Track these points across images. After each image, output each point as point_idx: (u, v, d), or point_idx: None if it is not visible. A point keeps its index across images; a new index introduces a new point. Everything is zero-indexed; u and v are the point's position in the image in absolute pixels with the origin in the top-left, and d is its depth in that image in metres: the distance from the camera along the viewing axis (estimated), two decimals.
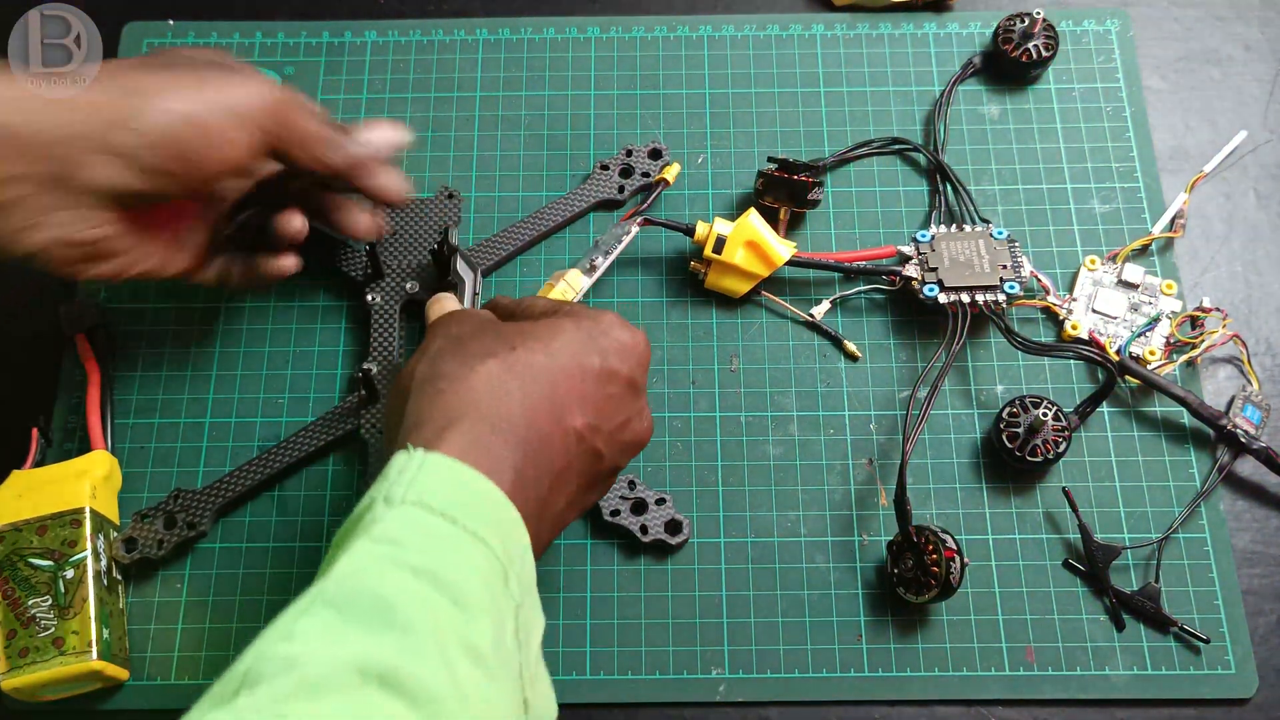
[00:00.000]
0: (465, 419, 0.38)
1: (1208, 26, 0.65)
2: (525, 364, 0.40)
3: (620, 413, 0.42)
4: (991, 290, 0.54)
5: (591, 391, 0.41)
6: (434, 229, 0.57)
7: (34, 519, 0.49)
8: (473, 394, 0.39)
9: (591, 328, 0.42)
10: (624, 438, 0.43)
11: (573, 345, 0.41)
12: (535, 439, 0.39)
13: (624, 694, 0.50)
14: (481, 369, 0.39)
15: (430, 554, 0.34)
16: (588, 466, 0.42)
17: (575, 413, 0.40)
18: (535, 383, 0.40)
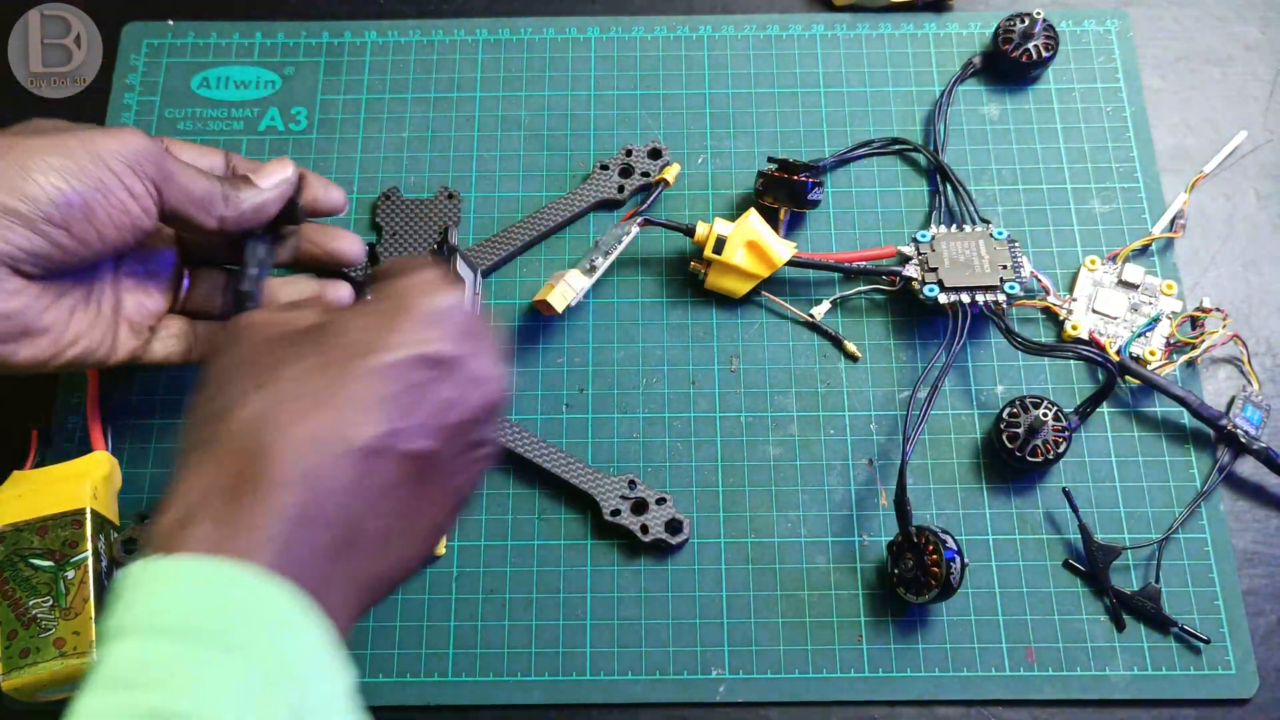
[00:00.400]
0: (212, 497, 0.33)
1: (1208, 26, 0.65)
2: (281, 396, 0.35)
3: (433, 399, 0.36)
4: (991, 290, 0.54)
5: (382, 396, 0.35)
6: (434, 229, 0.57)
7: (34, 519, 0.49)
8: (216, 457, 0.34)
9: (386, 312, 0.37)
10: (455, 418, 0.37)
11: (353, 350, 0.36)
12: (307, 487, 0.33)
13: (624, 694, 0.50)
14: (226, 430, 0.34)
15: (168, 690, 0.29)
16: (402, 479, 0.36)
17: (360, 429, 0.34)
18: (296, 416, 0.34)
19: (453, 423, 0.37)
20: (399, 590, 0.51)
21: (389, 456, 0.35)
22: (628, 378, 0.56)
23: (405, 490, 0.36)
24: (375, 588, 0.37)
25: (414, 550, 0.39)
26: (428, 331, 0.37)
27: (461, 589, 0.52)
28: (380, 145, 0.62)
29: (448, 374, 0.37)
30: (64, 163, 0.42)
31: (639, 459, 0.54)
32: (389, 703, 0.50)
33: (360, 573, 0.35)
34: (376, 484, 0.35)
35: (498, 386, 0.39)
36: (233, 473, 0.33)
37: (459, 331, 0.37)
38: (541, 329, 0.57)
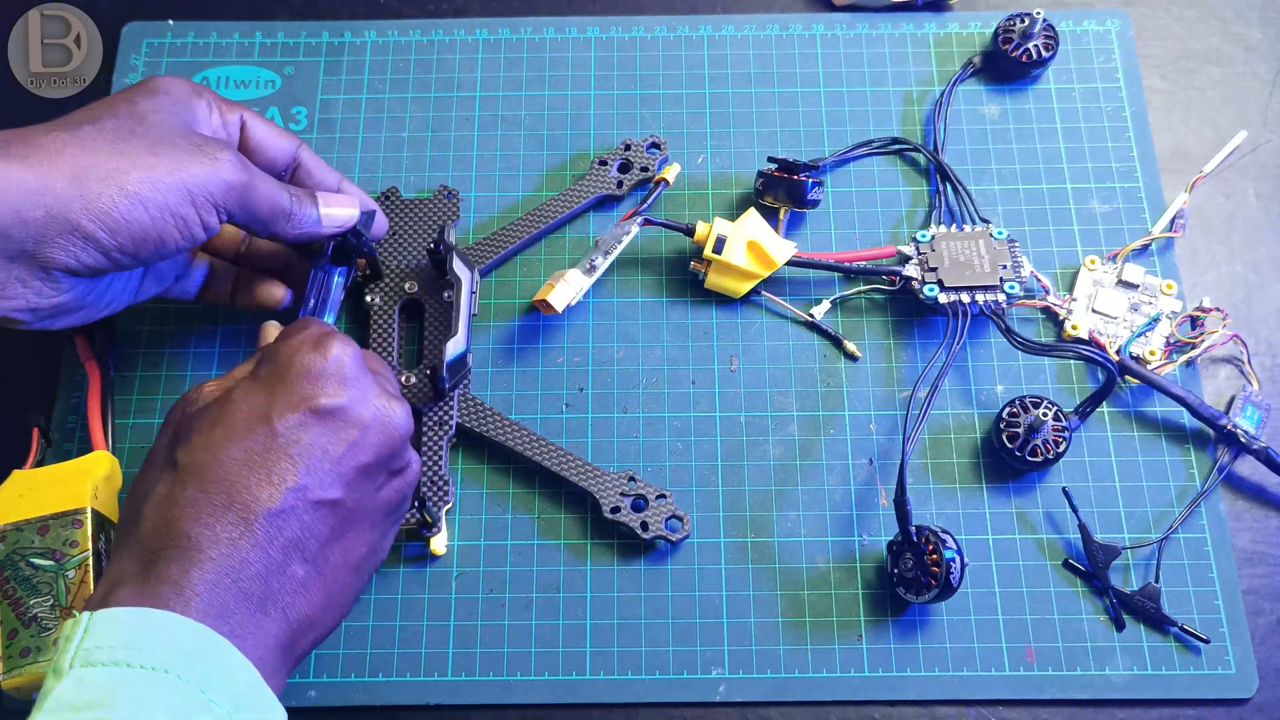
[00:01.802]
0: (133, 564, 0.37)
1: (1208, 26, 0.65)
2: (187, 473, 0.39)
3: (331, 449, 0.40)
4: (991, 290, 0.54)
5: (280, 457, 0.39)
6: (433, 229, 0.57)
7: (35, 519, 0.49)
8: (138, 534, 0.38)
9: (271, 379, 0.41)
10: (359, 461, 0.41)
11: (245, 421, 0.40)
12: (217, 549, 0.37)
13: (624, 694, 0.50)
14: (147, 507, 0.39)
15: (105, 707, 0.33)
16: (317, 528, 0.40)
17: (263, 492, 0.38)
18: (199, 490, 0.38)
19: (355, 466, 0.41)
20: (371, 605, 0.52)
21: (300, 511, 0.39)
22: (628, 378, 0.56)
23: (323, 537, 0.40)
24: (307, 630, 0.40)
25: (343, 589, 0.42)
26: (310, 388, 0.40)
27: (461, 589, 0.52)
28: (380, 145, 0.62)
29: (338, 423, 0.40)
30: (152, 195, 0.42)
31: (639, 459, 0.54)
32: (389, 703, 0.50)
33: (289, 616, 0.39)
34: (290, 538, 0.39)
35: (392, 422, 0.42)
36: (150, 547, 0.37)
37: (340, 382, 0.41)
38: (541, 329, 0.57)
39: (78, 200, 0.41)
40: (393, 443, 0.42)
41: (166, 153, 0.43)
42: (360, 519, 0.42)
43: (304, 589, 0.40)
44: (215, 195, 0.44)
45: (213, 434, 0.39)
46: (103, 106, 0.44)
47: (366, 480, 0.42)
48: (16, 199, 0.40)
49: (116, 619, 0.36)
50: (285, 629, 0.39)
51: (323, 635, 0.42)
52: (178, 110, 0.45)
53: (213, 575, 0.37)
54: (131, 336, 0.57)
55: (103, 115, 0.43)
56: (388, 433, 0.42)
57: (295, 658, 0.40)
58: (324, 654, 0.51)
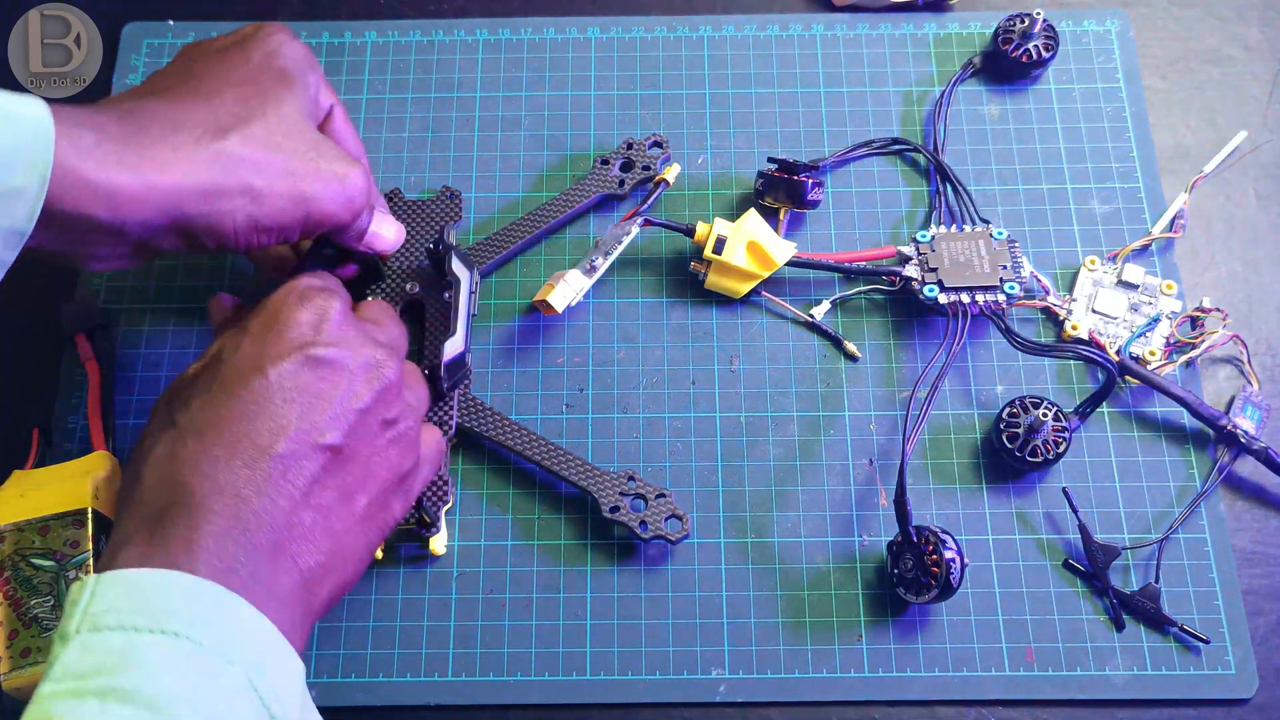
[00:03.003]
0: (136, 526, 0.37)
1: (1208, 26, 0.65)
2: (184, 431, 0.39)
3: (326, 395, 0.40)
4: (991, 290, 0.54)
5: (274, 405, 0.39)
6: (434, 229, 0.57)
7: (36, 519, 0.49)
8: (140, 497, 0.38)
9: (258, 331, 0.41)
10: (355, 406, 0.41)
11: (236, 372, 0.40)
12: (219, 500, 0.37)
13: (624, 694, 0.50)
14: (145, 469, 0.38)
15: (115, 673, 0.32)
16: (321, 475, 0.40)
17: (263, 439, 0.38)
18: (198, 445, 0.38)
19: (352, 410, 0.41)
20: (369, 589, 0.52)
21: (301, 455, 0.39)
22: (628, 378, 0.56)
23: (328, 482, 0.40)
24: (320, 580, 0.40)
25: (352, 541, 0.41)
26: (300, 337, 0.41)
27: (461, 589, 0.52)
28: (380, 145, 0.62)
29: (333, 370, 0.41)
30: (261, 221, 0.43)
31: (639, 459, 0.54)
32: (389, 703, 0.50)
33: (298, 565, 0.38)
34: (296, 482, 0.39)
35: (384, 371, 0.42)
36: (153, 506, 0.37)
37: (333, 330, 0.41)
38: (541, 329, 0.57)
39: (205, 215, 0.42)
40: (384, 389, 0.42)
41: (310, 165, 0.44)
42: (360, 466, 0.41)
43: (311, 535, 0.39)
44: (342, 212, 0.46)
45: (209, 391, 0.39)
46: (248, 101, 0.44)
47: (363, 427, 0.41)
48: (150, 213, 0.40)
49: (124, 580, 0.35)
50: (298, 579, 0.38)
51: (337, 589, 0.41)
52: (307, 104, 0.46)
53: (219, 527, 0.36)
54: (131, 337, 0.57)
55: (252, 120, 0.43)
56: (380, 380, 0.42)
57: (313, 611, 0.40)
58: (324, 654, 0.51)
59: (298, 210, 0.44)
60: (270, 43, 0.46)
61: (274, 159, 0.43)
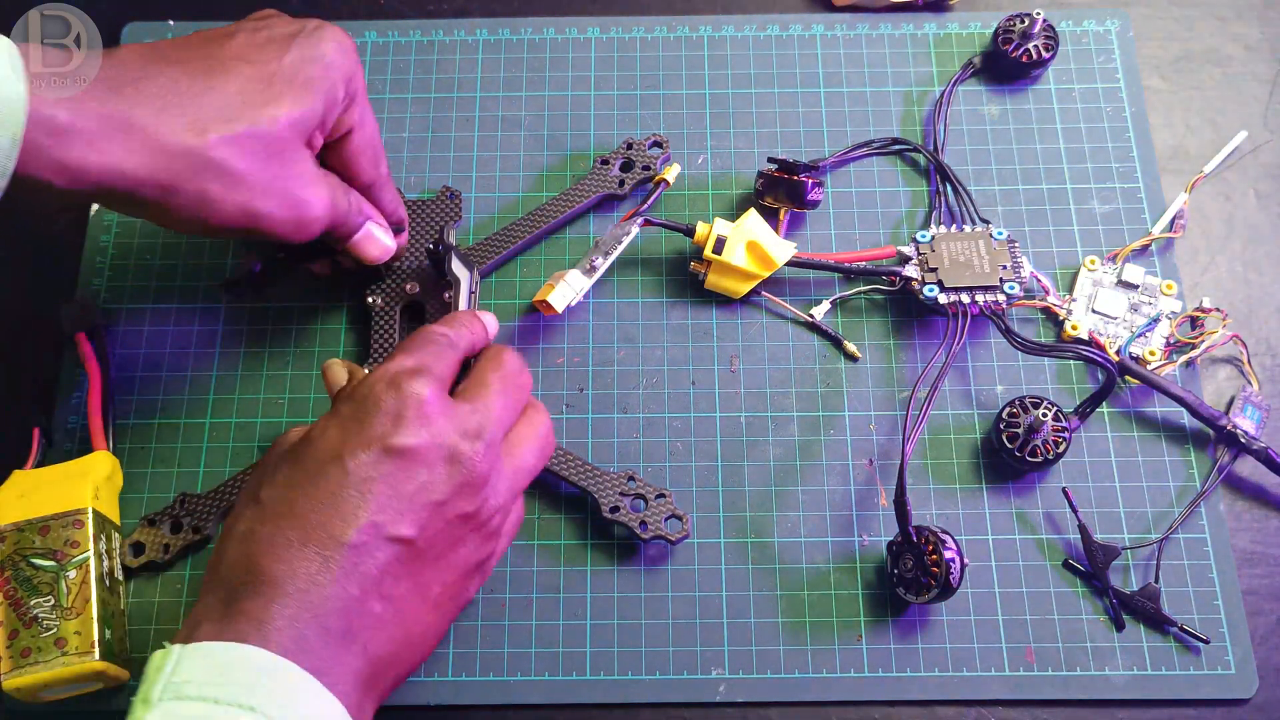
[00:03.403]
0: (215, 602, 0.38)
1: (1208, 26, 0.65)
2: (264, 511, 0.39)
3: (404, 487, 0.40)
4: (991, 290, 0.54)
5: (352, 494, 0.39)
6: (434, 229, 0.57)
7: (36, 519, 0.49)
8: (220, 573, 0.39)
9: (348, 417, 0.41)
10: (431, 499, 0.40)
11: (320, 459, 0.40)
12: (293, 584, 0.38)
13: (624, 694, 0.50)
14: (229, 544, 0.39)
15: None
16: (391, 566, 0.40)
17: (336, 528, 0.39)
18: (276, 528, 0.39)
19: (429, 503, 0.40)
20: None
21: (373, 546, 0.39)
22: (628, 378, 0.56)
23: (400, 572, 0.40)
24: (388, 667, 0.40)
25: (423, 626, 0.42)
26: (383, 427, 0.40)
27: None
28: None
29: (410, 462, 0.40)
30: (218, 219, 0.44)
31: (639, 459, 0.54)
32: (389, 702, 0.50)
33: (368, 653, 0.39)
34: (366, 574, 0.39)
35: (466, 464, 0.41)
36: (231, 584, 0.38)
37: (415, 421, 0.41)
38: (541, 329, 0.57)
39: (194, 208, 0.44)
40: (465, 483, 0.41)
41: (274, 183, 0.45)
42: (435, 557, 0.41)
43: (382, 625, 0.40)
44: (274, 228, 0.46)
45: (291, 472, 0.40)
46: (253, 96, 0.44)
47: (440, 519, 0.41)
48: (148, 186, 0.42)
49: (204, 653, 0.36)
50: (365, 665, 0.39)
51: (403, 676, 0.42)
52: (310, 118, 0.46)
53: (291, 610, 0.37)
54: (132, 336, 0.57)
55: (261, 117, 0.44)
56: (460, 473, 0.41)
57: (376, 697, 0.40)
58: None
59: (245, 221, 0.45)
60: (318, 48, 0.46)
61: (239, 168, 0.43)
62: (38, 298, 0.58)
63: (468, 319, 0.48)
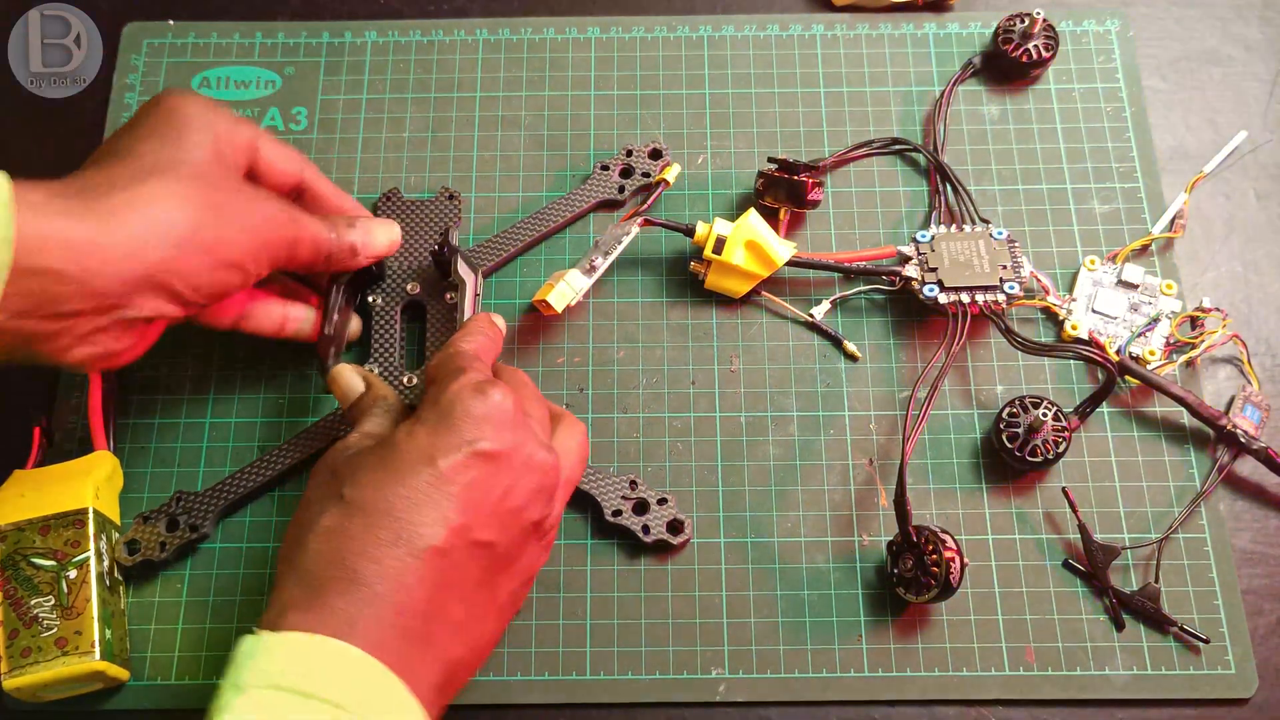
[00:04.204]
0: (303, 592, 0.38)
1: (1208, 26, 0.65)
2: (353, 509, 0.40)
3: (490, 492, 0.41)
4: (991, 290, 0.54)
5: (442, 497, 0.40)
6: (435, 230, 0.57)
7: (37, 519, 0.49)
8: (306, 565, 0.39)
9: (435, 422, 0.41)
10: (511, 504, 0.42)
11: (410, 461, 0.40)
12: (385, 584, 0.38)
13: (624, 694, 0.50)
14: (312, 538, 0.39)
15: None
16: (470, 569, 0.40)
17: (428, 529, 0.39)
18: (366, 526, 0.39)
19: (510, 509, 0.41)
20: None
21: (459, 550, 0.40)
22: (628, 378, 0.56)
23: (476, 578, 0.41)
24: (457, 672, 0.41)
25: (488, 631, 0.43)
26: (474, 432, 0.41)
27: None
28: (380, 145, 0.62)
29: (499, 467, 0.41)
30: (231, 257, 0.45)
31: (639, 459, 0.54)
32: None
33: (444, 656, 0.40)
34: (450, 576, 0.39)
35: (547, 469, 0.43)
36: (317, 577, 0.38)
37: (504, 426, 0.42)
38: (541, 329, 0.57)
39: (176, 266, 0.43)
40: (545, 489, 0.43)
41: (240, 213, 0.45)
42: (506, 563, 0.42)
43: (458, 630, 0.40)
44: (271, 251, 0.46)
45: (380, 473, 0.40)
46: (168, 147, 0.44)
47: (516, 525, 0.42)
48: (117, 263, 0.41)
49: (294, 644, 0.36)
50: (441, 670, 0.40)
51: (463, 682, 0.42)
52: (220, 146, 0.46)
53: (380, 610, 0.38)
54: None
55: (180, 163, 0.44)
56: (537, 480, 0.43)
57: (444, 703, 0.41)
58: None
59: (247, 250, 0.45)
60: (169, 101, 0.47)
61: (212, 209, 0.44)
62: None
63: (488, 325, 0.50)
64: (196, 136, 0.45)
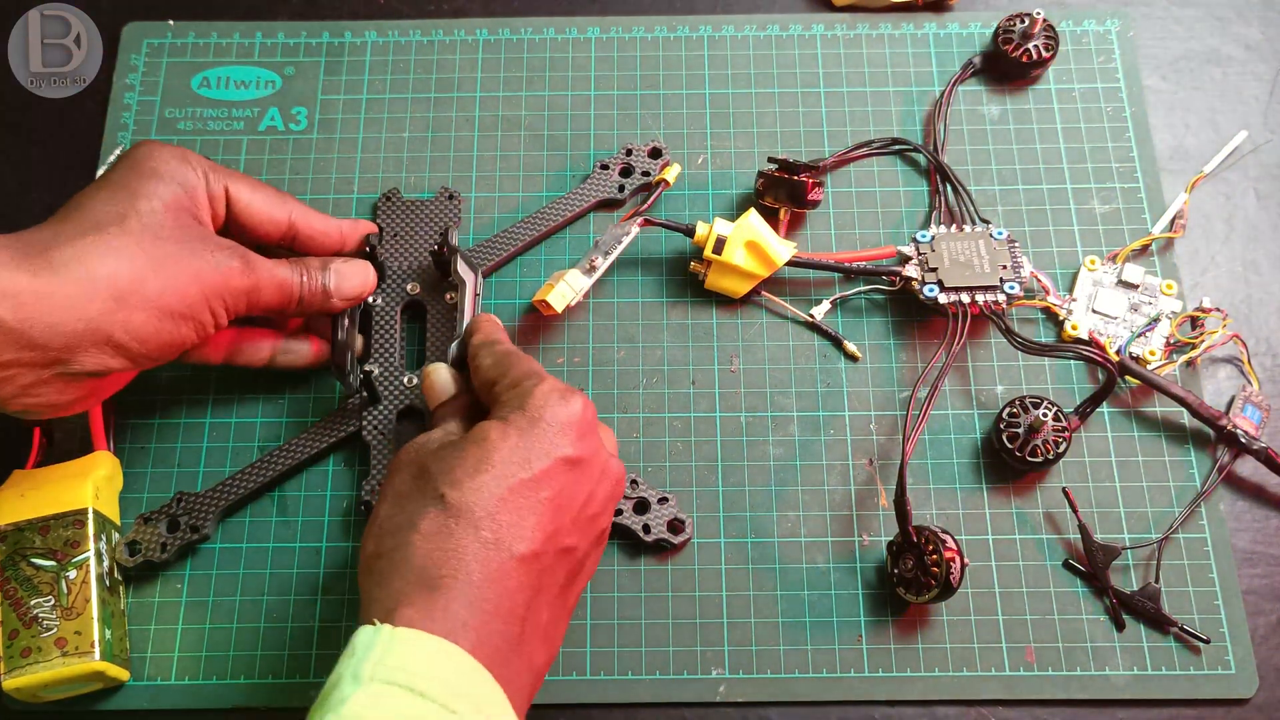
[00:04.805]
0: (414, 589, 0.38)
1: (1208, 26, 0.65)
2: (457, 510, 0.40)
3: (575, 498, 0.42)
4: (991, 290, 0.54)
5: (537, 502, 0.41)
6: (434, 230, 0.57)
7: (37, 519, 0.49)
8: (414, 562, 0.39)
9: (526, 427, 0.42)
10: (591, 511, 0.43)
11: (507, 465, 0.41)
12: (490, 587, 0.39)
13: (624, 694, 0.50)
14: (416, 537, 0.39)
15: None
16: (557, 574, 0.42)
17: (527, 534, 0.40)
18: (471, 528, 0.39)
19: (589, 515, 0.43)
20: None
21: (549, 555, 0.41)
22: (628, 378, 0.56)
23: (561, 582, 0.42)
24: (539, 678, 0.41)
25: (560, 636, 0.43)
26: (561, 438, 0.42)
27: None
28: (380, 145, 0.62)
29: (583, 473, 0.42)
30: (180, 309, 0.45)
31: (639, 459, 0.54)
32: None
33: (532, 664, 0.40)
34: (542, 581, 0.40)
35: (619, 476, 0.45)
36: (431, 574, 0.38)
37: (585, 433, 0.43)
38: (541, 329, 0.57)
39: (118, 319, 0.43)
40: (615, 495, 0.45)
41: (188, 264, 0.45)
42: (580, 568, 0.43)
43: (544, 636, 0.41)
44: (227, 300, 0.46)
45: (478, 476, 0.40)
46: (120, 201, 0.45)
47: (592, 531, 0.43)
48: (56, 314, 0.41)
49: (412, 641, 0.37)
50: (531, 677, 0.40)
51: (537, 689, 0.42)
52: (181, 198, 0.46)
53: (487, 615, 0.38)
54: None
55: (127, 216, 0.44)
56: (614, 486, 0.44)
57: (525, 710, 0.41)
58: (324, 655, 0.51)
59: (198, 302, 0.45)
60: (138, 152, 0.47)
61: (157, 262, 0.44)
62: None
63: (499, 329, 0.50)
64: (154, 187, 0.46)
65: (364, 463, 0.54)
